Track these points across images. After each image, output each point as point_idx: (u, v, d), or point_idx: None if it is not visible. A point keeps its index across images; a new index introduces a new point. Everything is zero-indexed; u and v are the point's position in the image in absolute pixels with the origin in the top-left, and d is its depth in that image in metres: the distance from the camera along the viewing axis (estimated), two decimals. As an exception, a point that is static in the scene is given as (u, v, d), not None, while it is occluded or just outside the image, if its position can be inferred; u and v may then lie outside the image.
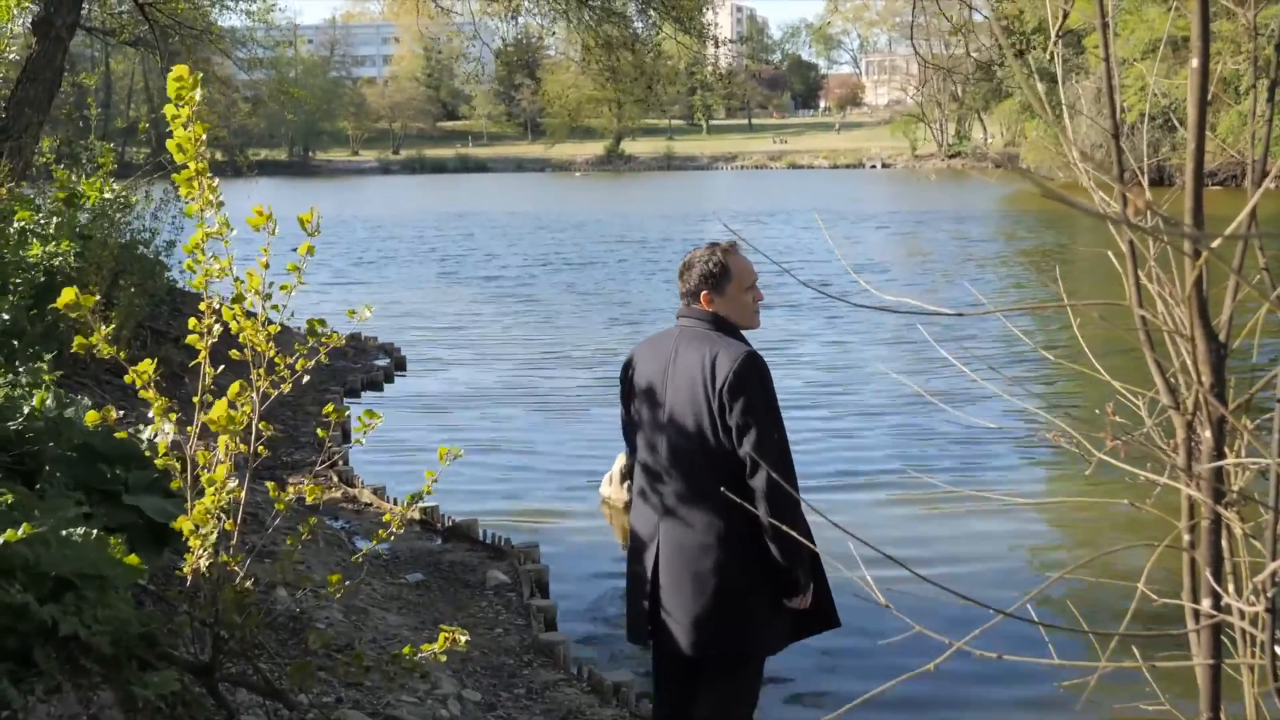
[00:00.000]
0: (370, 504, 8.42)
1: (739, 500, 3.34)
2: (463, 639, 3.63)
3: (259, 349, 3.39)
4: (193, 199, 3.43)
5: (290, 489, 3.60)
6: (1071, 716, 5.22)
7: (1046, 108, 2.18)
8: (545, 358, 15.39)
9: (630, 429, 4.24)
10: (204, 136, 3.40)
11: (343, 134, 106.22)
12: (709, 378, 3.88)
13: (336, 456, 9.17)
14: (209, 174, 3.44)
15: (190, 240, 3.47)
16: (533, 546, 7.52)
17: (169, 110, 3.35)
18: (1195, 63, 1.81)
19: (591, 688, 5.60)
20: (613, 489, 8.85)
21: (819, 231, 31.69)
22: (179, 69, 3.38)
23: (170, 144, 3.37)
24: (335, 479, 8.73)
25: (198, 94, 3.37)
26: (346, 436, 10.02)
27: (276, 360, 3.42)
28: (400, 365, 14.74)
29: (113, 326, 3.70)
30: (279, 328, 3.45)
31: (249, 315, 3.42)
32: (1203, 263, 1.85)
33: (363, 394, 13.01)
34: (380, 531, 3.75)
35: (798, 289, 19.15)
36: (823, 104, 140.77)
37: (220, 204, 3.46)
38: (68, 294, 3.29)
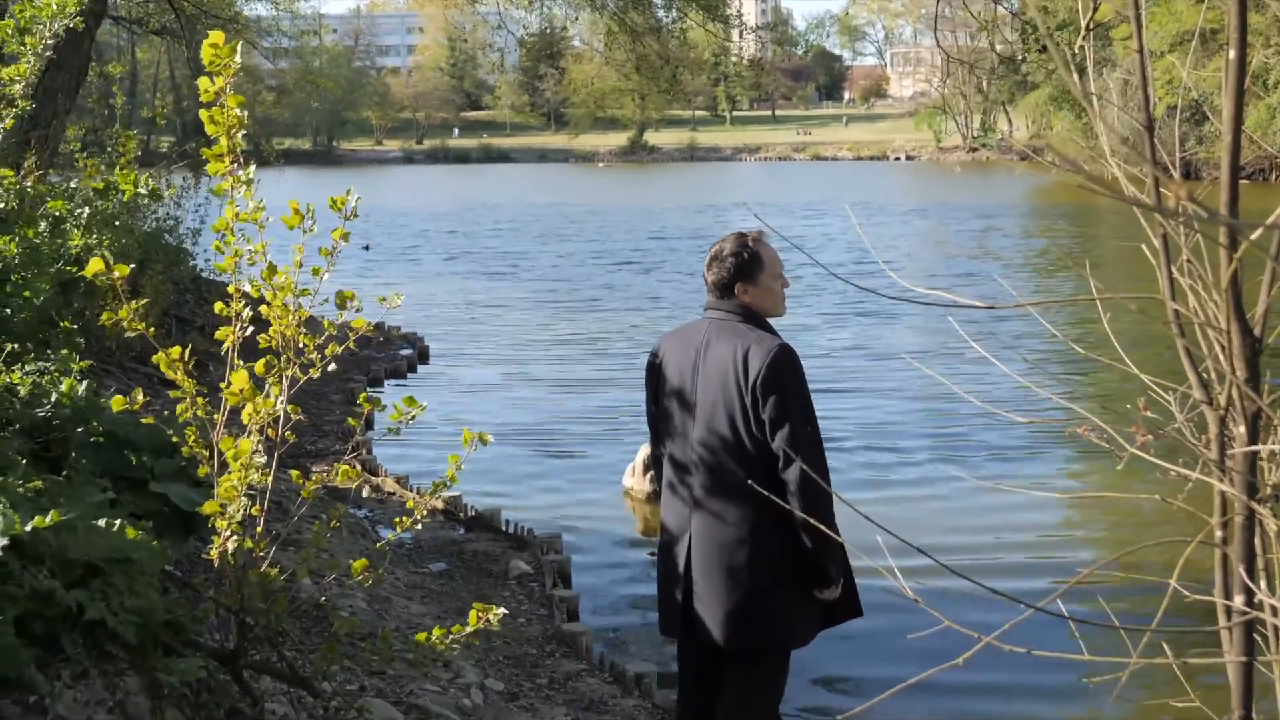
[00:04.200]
0: (394, 493, 8.45)
1: (768, 494, 3.32)
2: (495, 616, 3.58)
3: (287, 334, 3.35)
4: (223, 175, 3.34)
5: (315, 477, 3.58)
6: (1102, 712, 5.20)
7: (1081, 96, 2.16)
8: (569, 349, 15.39)
9: (656, 421, 4.22)
10: (238, 109, 3.30)
11: (367, 124, 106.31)
12: (741, 371, 3.86)
13: (362, 445, 9.19)
14: (239, 151, 3.33)
15: (219, 220, 3.38)
16: (555, 537, 7.53)
17: (203, 82, 3.24)
18: (1232, 54, 1.79)
19: (613, 678, 5.61)
20: (635, 480, 8.84)
21: (849, 222, 31.57)
22: (214, 34, 3.25)
23: (203, 114, 3.26)
24: (359, 467, 8.75)
25: (238, 58, 3.25)
26: (370, 425, 10.05)
27: (305, 342, 3.37)
28: (424, 356, 14.73)
29: (141, 305, 3.60)
30: (307, 313, 3.41)
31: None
32: (1239, 255, 1.83)
33: (386, 383, 13.03)
34: (405, 519, 3.73)
35: (824, 279, 19.10)
36: (846, 95, 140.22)
37: (250, 181, 3.37)
38: (95, 264, 3.20)
